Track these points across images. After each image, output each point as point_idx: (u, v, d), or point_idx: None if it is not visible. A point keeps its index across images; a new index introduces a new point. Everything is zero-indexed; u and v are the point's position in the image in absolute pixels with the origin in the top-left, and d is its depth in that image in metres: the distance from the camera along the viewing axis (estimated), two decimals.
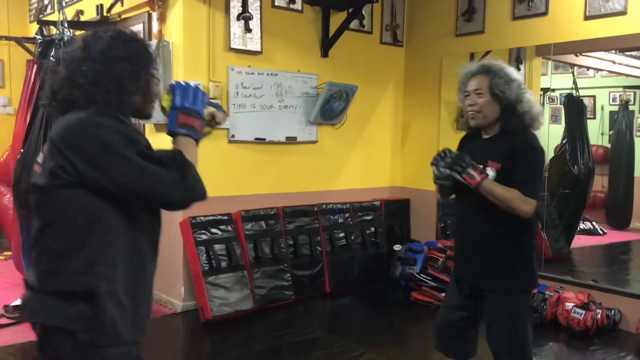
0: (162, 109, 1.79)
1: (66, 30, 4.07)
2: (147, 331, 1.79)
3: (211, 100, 1.90)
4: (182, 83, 1.77)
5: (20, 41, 5.44)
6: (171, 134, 1.73)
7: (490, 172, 2.43)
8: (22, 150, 4.05)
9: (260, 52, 4.80)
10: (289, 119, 4.97)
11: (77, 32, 5.43)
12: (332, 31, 5.15)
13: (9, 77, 6.50)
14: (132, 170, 1.57)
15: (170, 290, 4.63)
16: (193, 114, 1.73)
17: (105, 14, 5.10)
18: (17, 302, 4.47)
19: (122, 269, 1.65)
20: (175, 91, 1.74)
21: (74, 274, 1.61)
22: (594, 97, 7.58)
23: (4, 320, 4.27)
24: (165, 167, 1.59)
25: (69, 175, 1.58)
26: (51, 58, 3.95)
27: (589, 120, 6.87)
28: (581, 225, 6.96)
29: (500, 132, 2.51)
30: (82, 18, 5.36)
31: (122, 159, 1.56)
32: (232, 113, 4.64)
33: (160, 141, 2.04)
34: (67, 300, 1.60)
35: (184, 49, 4.46)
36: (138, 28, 4.82)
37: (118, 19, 5.06)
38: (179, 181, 1.60)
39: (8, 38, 5.63)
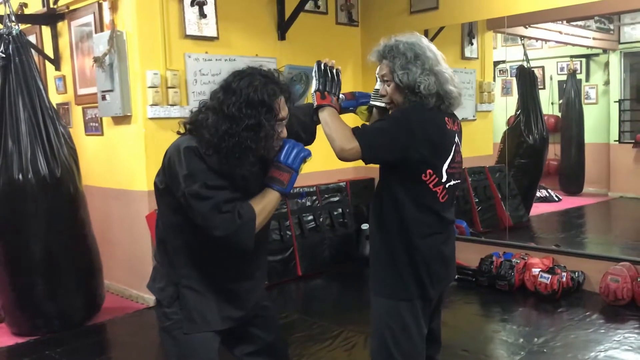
0: None
1: (14, 24, 3.90)
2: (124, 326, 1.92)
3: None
4: (290, 143, 1.91)
5: None
6: (263, 184, 1.91)
7: None
8: None
9: (216, 38, 4.72)
10: None
11: (23, 26, 5.26)
12: (287, 13, 5.11)
13: None
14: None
15: (142, 285, 4.54)
16: (285, 169, 1.88)
17: (52, 5, 4.92)
18: None
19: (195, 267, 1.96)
20: (283, 147, 1.90)
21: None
22: (542, 67, 7.75)
23: None
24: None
25: None
26: (0, 54, 3.79)
27: (539, 91, 7.05)
28: (538, 194, 7.16)
29: None
30: (27, 11, 5.15)
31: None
32: (191, 101, 4.56)
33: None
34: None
35: (139, 38, 4.35)
36: (88, 19, 4.67)
37: (66, 10, 4.89)
38: (221, 228, 1.80)
39: None
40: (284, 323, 4.09)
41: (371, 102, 2.27)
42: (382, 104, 2.21)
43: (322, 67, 2.16)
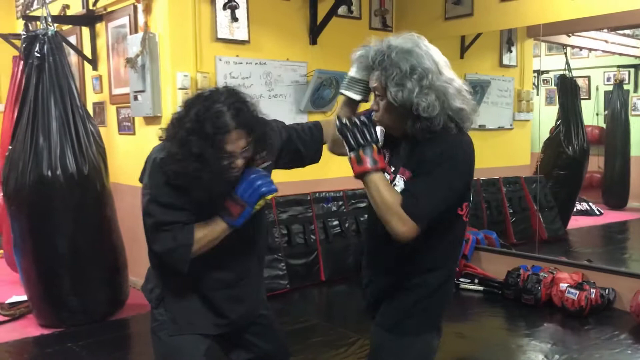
0: None
1: (50, 25, 4.03)
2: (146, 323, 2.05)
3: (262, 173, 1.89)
4: (252, 176, 1.82)
5: (7, 38, 5.42)
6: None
7: (399, 182, 1.79)
8: (10, 147, 4.03)
9: (247, 41, 4.76)
10: (279, 108, 4.94)
11: (65, 27, 5.44)
12: (320, 18, 5.11)
13: None
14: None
15: None
16: (239, 202, 1.82)
17: (91, 7, 5.06)
18: (13, 299, 4.49)
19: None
20: (245, 178, 1.83)
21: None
22: (588, 77, 7.52)
23: (0, 318, 4.28)
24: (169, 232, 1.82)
25: None
26: (35, 53, 3.92)
27: (584, 101, 6.85)
28: (578, 207, 6.95)
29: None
30: (69, 12, 5.33)
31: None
32: None
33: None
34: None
35: (171, 41, 4.43)
36: (124, 21, 4.79)
37: (104, 12, 5.03)
38: (158, 244, 1.85)
39: None
40: (302, 327, 4.09)
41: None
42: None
43: (345, 123, 1.78)
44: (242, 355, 2.16)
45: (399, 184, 1.78)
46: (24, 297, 4.31)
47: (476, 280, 4.82)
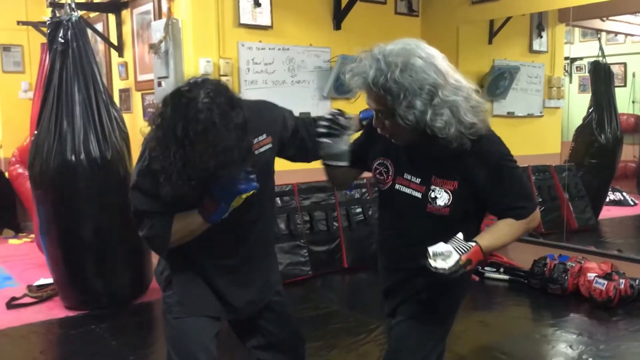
0: None
1: (74, 11, 4.07)
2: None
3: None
4: (232, 181, 1.73)
5: (36, 25, 5.50)
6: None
7: (442, 195, 1.75)
8: (35, 132, 4.10)
9: (270, 27, 4.74)
10: (302, 95, 4.92)
11: (92, 14, 5.50)
12: (344, 3, 5.06)
13: (29, 62, 6.60)
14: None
15: None
16: (215, 199, 1.77)
17: None
18: (40, 281, 4.57)
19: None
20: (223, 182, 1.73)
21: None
22: (624, 64, 7.29)
23: (27, 299, 4.36)
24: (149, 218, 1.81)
25: None
26: (59, 39, 3.96)
27: (619, 88, 6.63)
28: (611, 196, 6.76)
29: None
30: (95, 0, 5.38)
31: None
32: (243, 90, 4.61)
33: None
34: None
35: (193, 26, 4.44)
36: (148, 7, 4.82)
37: None
38: (140, 229, 1.86)
39: (25, 23, 5.69)
40: (323, 313, 4.07)
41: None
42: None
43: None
44: (255, 341, 2.14)
45: (441, 196, 1.75)
46: (51, 280, 4.39)
47: (501, 270, 4.73)
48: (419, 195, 1.79)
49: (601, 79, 6.31)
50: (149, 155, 1.71)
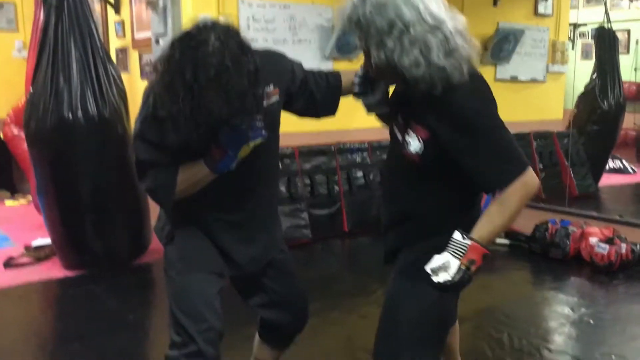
0: None
1: None
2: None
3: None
4: (240, 128, 1.66)
5: None
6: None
7: (414, 142, 1.65)
8: (31, 91, 4.00)
9: None
10: (303, 54, 4.81)
11: None
12: None
13: (22, 20, 6.44)
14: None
15: None
16: (221, 147, 1.70)
17: None
18: (38, 241, 4.54)
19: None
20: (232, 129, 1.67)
21: None
22: (628, 30, 7.19)
23: (25, 260, 4.33)
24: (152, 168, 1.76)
25: None
26: None
27: (622, 55, 6.55)
28: (611, 164, 6.74)
29: None
30: None
31: None
32: None
33: None
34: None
35: None
36: None
37: None
38: (143, 182, 1.81)
39: None
40: (323, 276, 4.06)
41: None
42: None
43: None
44: (259, 299, 2.11)
45: (414, 142, 1.64)
46: (49, 241, 4.35)
47: (502, 234, 4.71)
48: (400, 137, 1.73)
49: (605, 45, 6.23)
50: (154, 102, 1.62)
